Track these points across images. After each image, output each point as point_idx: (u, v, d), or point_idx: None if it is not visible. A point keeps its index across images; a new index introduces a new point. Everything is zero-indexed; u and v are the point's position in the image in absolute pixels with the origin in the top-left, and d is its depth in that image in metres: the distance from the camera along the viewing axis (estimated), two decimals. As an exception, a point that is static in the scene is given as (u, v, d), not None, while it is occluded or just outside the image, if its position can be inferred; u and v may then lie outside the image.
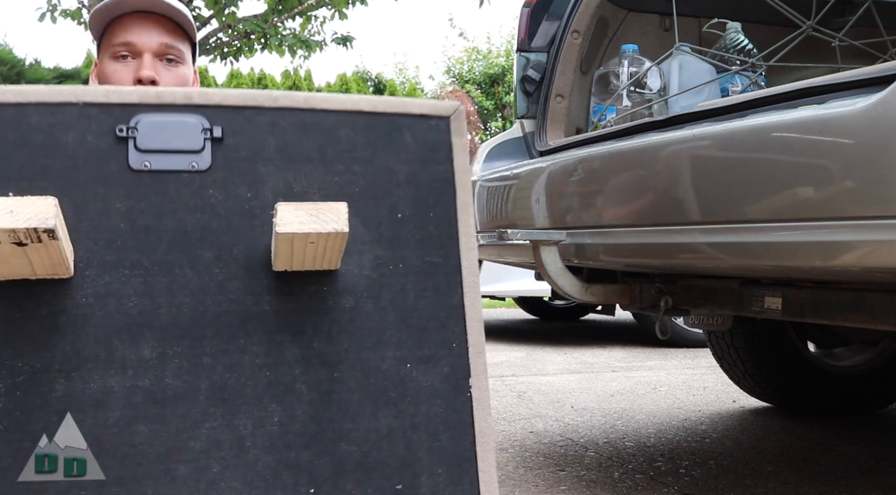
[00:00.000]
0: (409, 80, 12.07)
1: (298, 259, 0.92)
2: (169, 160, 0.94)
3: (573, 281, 1.73)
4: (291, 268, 0.94)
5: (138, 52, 1.42)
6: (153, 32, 1.42)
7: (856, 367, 2.63)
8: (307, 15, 6.81)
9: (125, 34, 1.42)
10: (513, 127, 2.21)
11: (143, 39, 1.42)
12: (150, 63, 1.41)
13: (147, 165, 0.94)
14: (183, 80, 1.46)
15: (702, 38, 2.14)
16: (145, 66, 1.40)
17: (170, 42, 1.43)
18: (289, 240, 0.88)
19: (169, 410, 0.90)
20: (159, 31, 1.43)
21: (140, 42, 1.42)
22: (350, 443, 0.93)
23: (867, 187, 1.05)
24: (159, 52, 1.43)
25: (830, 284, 1.47)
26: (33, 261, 0.87)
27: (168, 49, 1.43)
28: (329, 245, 0.90)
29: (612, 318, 5.98)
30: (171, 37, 1.44)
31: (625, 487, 1.86)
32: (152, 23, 1.42)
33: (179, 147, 0.94)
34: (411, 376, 0.95)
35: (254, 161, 0.96)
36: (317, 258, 0.92)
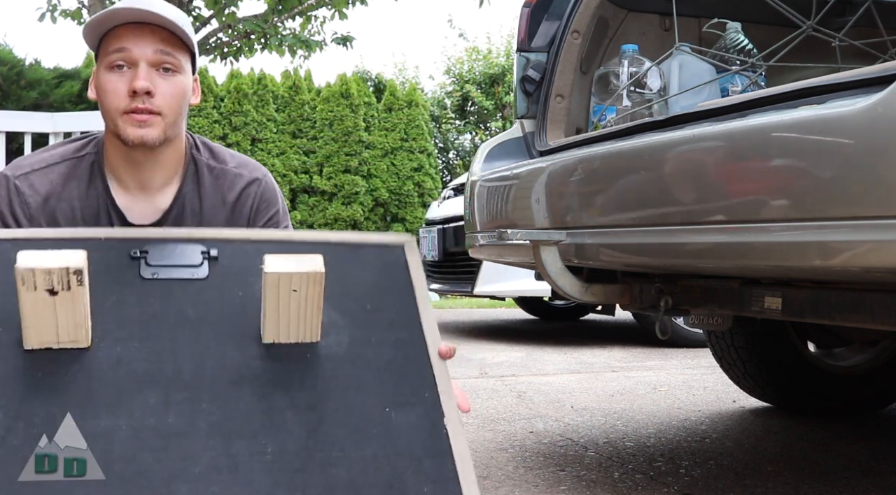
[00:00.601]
0: (409, 80, 12.06)
1: (284, 319, 1.09)
2: (173, 271, 1.16)
3: (573, 281, 1.73)
4: (278, 339, 1.11)
5: (133, 61, 1.38)
6: (148, 41, 1.38)
7: (856, 367, 2.63)
8: (307, 15, 6.81)
9: (119, 42, 1.38)
10: (513, 127, 2.21)
11: (138, 48, 1.38)
12: (146, 73, 1.37)
13: (155, 275, 1.15)
14: (181, 90, 1.42)
15: (702, 38, 2.14)
16: (140, 76, 1.37)
17: (166, 50, 1.39)
18: (275, 281, 1.05)
19: (172, 442, 1.03)
20: (154, 39, 1.39)
21: (135, 50, 1.38)
22: (340, 467, 1.05)
23: (867, 187, 1.05)
24: (155, 61, 1.39)
25: (830, 284, 1.47)
26: (59, 316, 1.02)
27: (164, 57, 1.39)
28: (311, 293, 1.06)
29: (612, 318, 5.98)
30: (168, 45, 1.40)
31: (625, 487, 1.86)
32: (148, 32, 1.38)
33: (182, 263, 1.17)
34: (391, 417, 1.09)
35: (244, 274, 1.16)
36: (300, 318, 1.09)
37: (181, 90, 1.42)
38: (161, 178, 1.48)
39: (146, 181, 1.47)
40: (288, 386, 1.09)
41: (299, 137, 8.74)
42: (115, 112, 1.39)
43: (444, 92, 12.33)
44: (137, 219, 1.48)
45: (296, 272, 1.06)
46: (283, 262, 1.07)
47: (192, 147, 1.53)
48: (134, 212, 1.48)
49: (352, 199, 8.72)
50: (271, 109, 8.59)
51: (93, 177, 1.47)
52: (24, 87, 7.38)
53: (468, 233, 2.18)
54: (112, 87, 1.38)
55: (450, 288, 5.26)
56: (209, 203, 1.50)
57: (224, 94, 8.33)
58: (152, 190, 1.48)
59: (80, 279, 1.01)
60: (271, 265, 1.05)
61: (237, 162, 1.55)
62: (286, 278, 1.06)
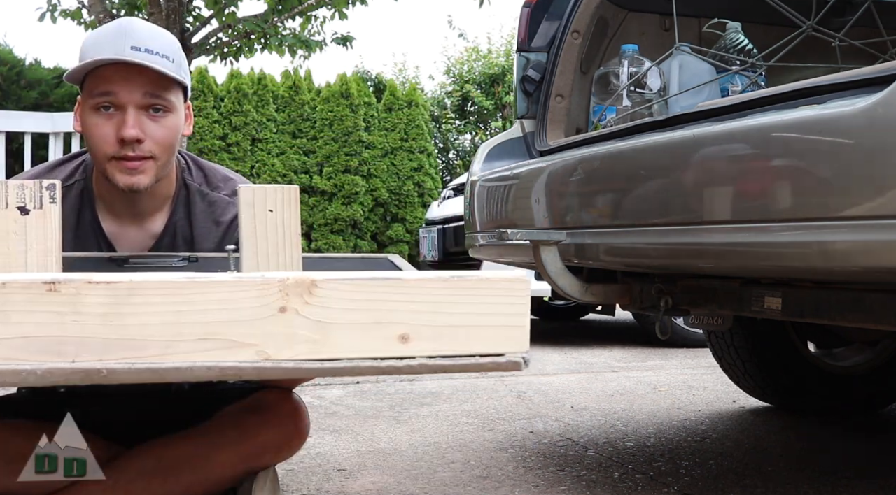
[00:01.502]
0: (409, 80, 12.06)
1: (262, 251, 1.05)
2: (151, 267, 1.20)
3: (573, 281, 1.73)
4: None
5: (121, 105, 1.30)
6: (136, 84, 1.29)
7: (856, 367, 2.63)
8: (307, 15, 6.80)
9: (106, 85, 1.29)
10: (513, 127, 2.21)
11: (126, 92, 1.29)
12: (134, 120, 1.30)
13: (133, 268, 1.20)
14: (172, 131, 1.35)
15: (702, 38, 2.14)
16: (129, 123, 1.29)
17: (155, 92, 1.31)
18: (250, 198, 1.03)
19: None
20: (143, 81, 1.30)
21: (122, 94, 1.29)
22: None
23: (867, 187, 1.05)
24: (144, 104, 1.31)
25: (830, 284, 1.47)
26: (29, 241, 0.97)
27: (154, 100, 1.32)
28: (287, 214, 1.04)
29: (612, 318, 5.98)
30: (157, 87, 1.31)
31: (625, 487, 1.86)
32: (135, 72, 1.29)
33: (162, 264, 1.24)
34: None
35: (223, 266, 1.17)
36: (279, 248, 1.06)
37: (173, 131, 1.36)
38: (151, 207, 1.45)
39: (137, 210, 1.44)
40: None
41: (299, 137, 8.74)
42: (104, 158, 1.33)
43: (444, 92, 12.33)
44: (129, 247, 1.45)
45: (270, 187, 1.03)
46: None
47: (183, 170, 1.49)
48: (125, 241, 1.45)
49: (352, 199, 8.71)
50: (271, 109, 8.59)
51: (82, 207, 1.43)
52: (24, 87, 7.38)
53: (468, 233, 2.18)
54: (99, 132, 1.31)
55: (450, 288, 5.25)
56: (200, 228, 1.48)
57: (224, 94, 8.33)
58: (143, 217, 1.45)
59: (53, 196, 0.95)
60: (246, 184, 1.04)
61: (231, 188, 1.50)
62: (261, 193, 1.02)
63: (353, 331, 0.80)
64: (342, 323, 0.80)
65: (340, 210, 8.66)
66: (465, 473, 1.96)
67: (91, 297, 0.76)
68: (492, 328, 0.83)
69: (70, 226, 1.42)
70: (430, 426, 2.47)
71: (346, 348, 0.80)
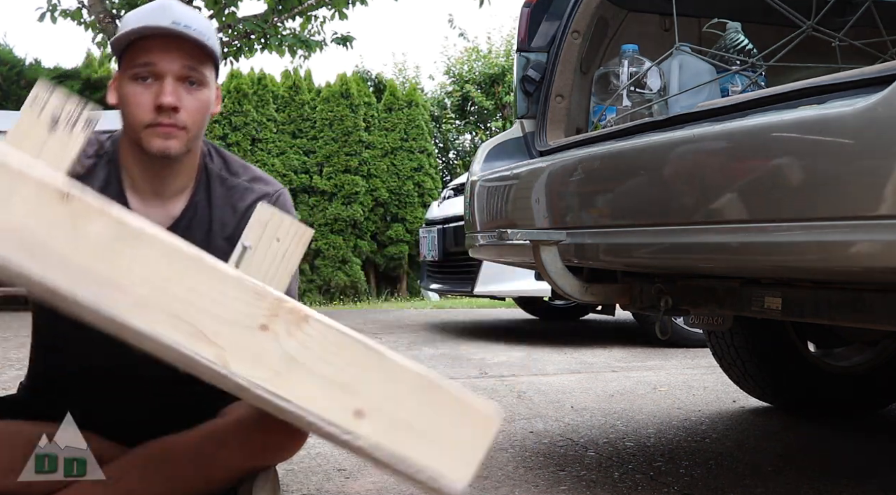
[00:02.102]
0: (409, 80, 12.05)
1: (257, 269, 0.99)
2: None
3: (573, 281, 1.73)
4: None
5: (160, 74, 1.37)
6: (175, 55, 1.37)
7: (856, 367, 2.63)
8: (307, 15, 6.81)
9: (147, 55, 1.37)
10: (513, 127, 2.21)
11: (165, 61, 1.37)
12: (172, 88, 1.36)
13: None
14: (205, 104, 1.42)
15: (702, 38, 2.14)
16: (167, 91, 1.36)
17: (192, 65, 1.38)
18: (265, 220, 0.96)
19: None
20: (182, 54, 1.37)
21: (162, 64, 1.37)
22: None
23: (867, 187, 1.05)
24: (181, 75, 1.38)
25: (830, 284, 1.47)
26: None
27: (191, 72, 1.38)
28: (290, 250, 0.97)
29: (612, 318, 5.98)
30: (194, 60, 1.39)
31: (625, 487, 1.86)
32: (175, 46, 1.37)
33: None
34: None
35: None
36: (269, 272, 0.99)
37: (205, 104, 1.42)
38: (175, 186, 1.48)
39: (161, 188, 1.47)
40: None
41: (299, 137, 8.74)
42: (139, 125, 1.38)
43: (444, 92, 12.33)
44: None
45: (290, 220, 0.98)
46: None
47: (205, 155, 1.53)
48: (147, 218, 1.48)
49: (352, 199, 8.71)
50: (271, 109, 8.59)
51: (109, 180, 1.46)
52: (24, 87, 7.38)
53: (468, 233, 2.18)
54: (137, 100, 1.37)
55: (450, 288, 5.26)
56: (219, 213, 1.50)
57: (224, 93, 8.33)
58: (165, 197, 1.48)
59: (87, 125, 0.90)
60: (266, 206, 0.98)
61: (250, 176, 1.55)
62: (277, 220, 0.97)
63: (318, 382, 0.77)
64: (312, 369, 0.78)
65: (340, 210, 8.66)
66: (465, 473, 1.96)
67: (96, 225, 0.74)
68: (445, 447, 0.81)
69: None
70: (430, 426, 2.46)
71: (301, 395, 0.78)
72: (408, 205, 9.08)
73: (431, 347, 4.42)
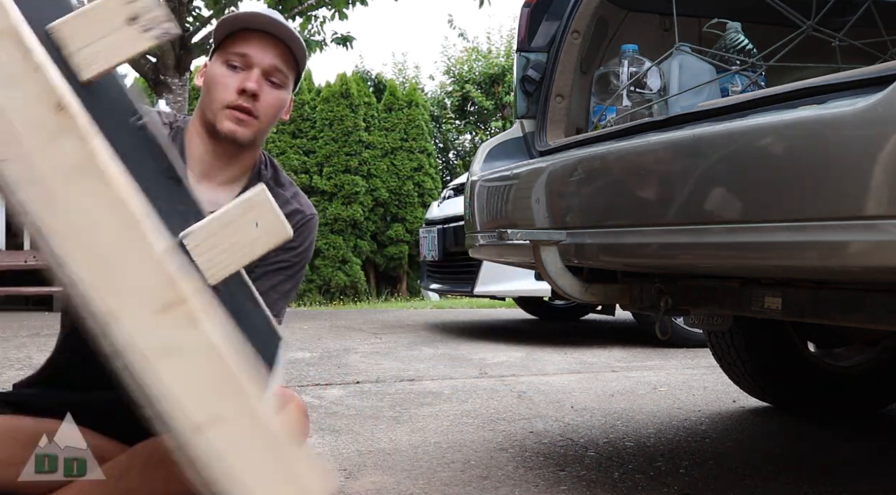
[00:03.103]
0: (409, 80, 12.05)
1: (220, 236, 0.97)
2: None
3: (573, 281, 1.73)
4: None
5: (250, 65, 1.49)
6: (269, 52, 1.49)
7: (856, 367, 2.63)
8: (307, 15, 6.82)
9: (245, 46, 1.49)
10: (513, 127, 2.21)
11: (259, 55, 1.49)
12: (258, 78, 1.48)
13: None
14: (280, 104, 1.52)
15: (702, 38, 2.14)
16: (252, 78, 1.47)
17: (280, 66, 1.51)
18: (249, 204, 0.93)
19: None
20: (275, 53, 1.50)
21: (255, 57, 1.49)
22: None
23: (867, 187, 1.05)
24: (268, 71, 1.50)
25: (830, 284, 1.47)
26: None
27: (276, 72, 1.50)
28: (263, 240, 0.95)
29: (612, 318, 5.98)
30: (283, 61, 1.51)
31: (625, 487, 1.86)
32: (271, 44, 1.50)
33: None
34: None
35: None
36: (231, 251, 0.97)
37: (281, 104, 1.53)
38: (225, 176, 1.54)
39: (212, 172, 1.53)
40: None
41: (299, 137, 8.74)
42: (219, 104, 1.48)
43: (444, 92, 12.33)
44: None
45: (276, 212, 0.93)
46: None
47: (261, 162, 1.62)
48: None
49: (352, 199, 8.71)
50: (271, 109, 8.59)
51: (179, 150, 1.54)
52: (24, 86, 7.37)
53: (468, 233, 2.18)
54: (224, 82, 1.48)
55: (450, 288, 5.26)
56: None
57: (224, 93, 8.34)
58: (212, 183, 1.54)
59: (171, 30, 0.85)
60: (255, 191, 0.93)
61: (293, 192, 1.64)
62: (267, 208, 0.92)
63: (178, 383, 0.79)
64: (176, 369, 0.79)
65: (340, 210, 8.66)
66: (465, 473, 1.96)
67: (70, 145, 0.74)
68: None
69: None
70: (430, 426, 2.47)
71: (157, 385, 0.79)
72: (408, 205, 9.08)
73: (431, 347, 4.42)
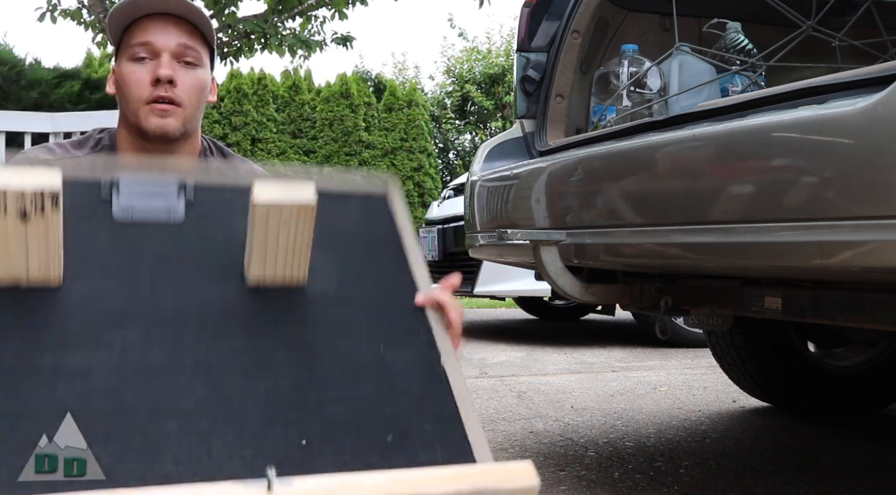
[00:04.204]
0: (408, 80, 12.05)
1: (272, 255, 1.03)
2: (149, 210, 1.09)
3: (573, 281, 1.73)
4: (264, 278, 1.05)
5: (156, 52, 1.40)
6: (172, 33, 1.41)
7: (856, 367, 2.63)
8: (307, 15, 6.81)
9: (143, 34, 1.40)
10: (513, 127, 2.21)
11: (162, 39, 1.40)
12: (169, 62, 1.40)
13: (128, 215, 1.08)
14: (201, 83, 1.44)
15: (702, 38, 2.14)
16: (163, 64, 1.39)
17: (188, 43, 1.42)
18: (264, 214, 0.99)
19: (156, 378, 0.97)
20: (178, 32, 1.41)
21: (158, 42, 1.40)
22: (337, 406, 0.99)
23: (867, 187, 1.05)
24: (178, 52, 1.41)
25: (830, 284, 1.47)
26: (30, 248, 0.96)
27: (186, 50, 1.42)
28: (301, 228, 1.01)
29: (612, 318, 5.98)
30: (190, 38, 1.42)
31: (625, 487, 1.86)
32: (171, 24, 1.41)
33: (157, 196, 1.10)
34: (385, 358, 1.04)
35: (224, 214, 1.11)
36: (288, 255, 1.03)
37: (201, 83, 1.44)
38: None
39: None
40: (276, 324, 1.04)
41: (299, 137, 8.74)
42: (138, 102, 1.40)
43: (444, 92, 12.32)
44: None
45: (287, 204, 0.99)
46: (273, 192, 0.99)
47: (206, 149, 1.55)
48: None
49: (352, 199, 8.71)
50: (271, 109, 8.59)
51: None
52: (24, 87, 7.38)
53: (468, 233, 2.18)
54: (135, 77, 1.40)
55: (450, 288, 5.25)
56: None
57: (224, 93, 8.33)
58: None
59: (56, 202, 0.94)
60: (261, 195, 0.99)
61: (247, 169, 1.57)
62: (276, 211, 0.99)
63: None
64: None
65: (340, 210, 8.66)
66: (465, 473, 1.96)
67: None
68: None
69: None
70: (430, 426, 2.46)
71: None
72: (408, 205, 9.09)
73: (431, 347, 4.42)
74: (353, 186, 1.21)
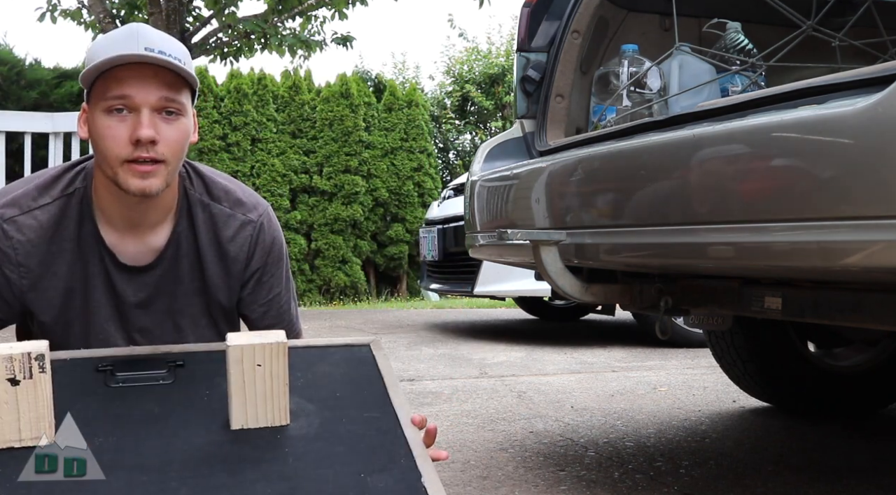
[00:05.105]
0: (409, 80, 12.05)
1: (251, 400, 1.12)
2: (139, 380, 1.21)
3: (573, 281, 1.73)
4: (247, 423, 1.13)
5: (135, 107, 1.27)
6: (152, 86, 1.27)
7: (856, 367, 2.63)
8: (307, 15, 6.81)
9: (121, 87, 1.27)
10: (513, 127, 2.21)
11: (142, 94, 1.27)
12: (149, 120, 1.27)
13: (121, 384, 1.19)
14: (184, 134, 1.33)
15: (702, 38, 2.14)
16: (144, 124, 1.26)
17: (170, 95, 1.29)
18: (238, 355, 1.09)
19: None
20: (159, 83, 1.28)
21: (138, 97, 1.27)
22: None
23: (867, 187, 1.05)
24: (158, 106, 1.28)
25: (830, 284, 1.47)
26: (21, 410, 1.07)
27: (168, 103, 1.29)
28: (275, 367, 1.11)
29: (612, 318, 5.98)
30: (171, 89, 1.29)
31: (625, 487, 1.86)
32: (150, 74, 1.27)
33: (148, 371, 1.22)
34: (367, 482, 1.10)
35: (211, 376, 1.21)
36: (267, 398, 1.13)
37: (185, 134, 1.34)
38: (154, 218, 1.40)
39: (138, 221, 1.39)
40: (258, 461, 1.10)
41: (299, 137, 8.74)
42: (115, 160, 1.29)
43: (444, 92, 12.32)
44: (131, 260, 1.42)
45: (259, 343, 1.10)
46: (245, 337, 1.09)
47: (185, 178, 1.45)
48: (126, 253, 1.41)
49: (352, 199, 8.71)
50: (271, 109, 8.58)
51: (83, 217, 1.39)
52: (24, 87, 7.38)
53: (468, 233, 2.18)
54: (112, 134, 1.28)
55: (450, 288, 5.26)
56: (204, 240, 1.44)
57: (224, 94, 8.33)
58: (143, 229, 1.40)
59: (43, 365, 1.04)
60: (234, 339, 1.10)
61: (232, 200, 1.47)
62: (249, 350, 1.09)
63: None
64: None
65: (340, 210, 8.65)
66: (465, 473, 1.96)
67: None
68: None
69: (71, 238, 1.39)
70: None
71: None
72: (408, 205, 9.08)
73: (431, 347, 4.42)
74: (337, 340, 1.31)
